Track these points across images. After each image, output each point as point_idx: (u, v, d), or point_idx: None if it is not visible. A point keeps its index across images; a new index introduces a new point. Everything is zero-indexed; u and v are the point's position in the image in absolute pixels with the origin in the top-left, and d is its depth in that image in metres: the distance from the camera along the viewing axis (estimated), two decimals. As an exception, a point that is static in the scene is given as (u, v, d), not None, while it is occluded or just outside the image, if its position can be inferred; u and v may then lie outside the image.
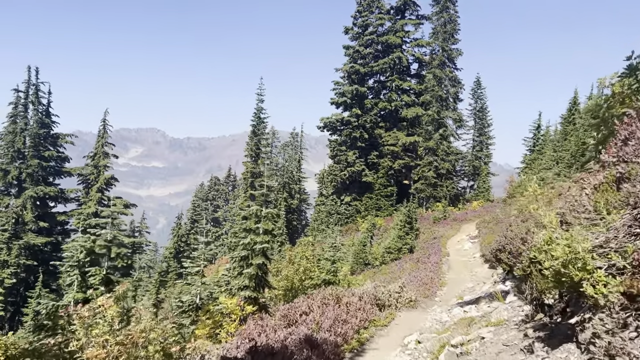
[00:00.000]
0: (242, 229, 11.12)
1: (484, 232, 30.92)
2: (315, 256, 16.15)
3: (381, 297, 11.80)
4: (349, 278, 15.88)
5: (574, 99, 35.04)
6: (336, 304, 9.82)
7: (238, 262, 10.98)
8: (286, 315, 9.26)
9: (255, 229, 10.73)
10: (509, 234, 11.98)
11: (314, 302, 9.61)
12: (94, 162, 50.74)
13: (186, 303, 10.31)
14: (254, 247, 10.56)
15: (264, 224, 10.76)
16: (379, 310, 11.12)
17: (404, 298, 12.76)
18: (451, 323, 9.91)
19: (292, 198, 63.03)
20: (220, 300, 10.00)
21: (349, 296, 10.55)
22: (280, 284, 14.41)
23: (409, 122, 54.46)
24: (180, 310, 10.33)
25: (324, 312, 9.15)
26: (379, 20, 54.79)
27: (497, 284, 13.05)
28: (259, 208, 10.77)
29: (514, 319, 6.48)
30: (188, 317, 10.20)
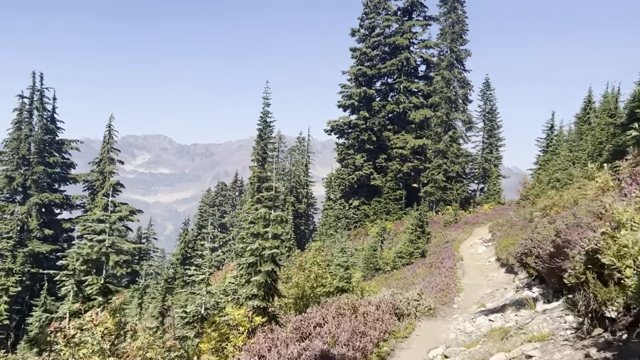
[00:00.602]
0: (250, 234, 10.39)
1: (498, 235, 29.98)
2: (326, 261, 15.39)
3: (400, 306, 11.02)
4: (362, 284, 15.10)
5: (589, 97, 34.12)
6: (352, 314, 9.05)
7: (245, 269, 10.23)
8: (299, 327, 8.51)
9: (264, 233, 9.99)
10: (536, 236, 11.16)
11: (328, 313, 8.85)
12: (99, 168, 50.38)
13: (190, 314, 9.57)
14: (262, 252, 9.81)
15: (272, 228, 10.02)
16: (397, 320, 10.34)
17: (423, 306, 11.96)
18: (479, 334, 9.11)
19: (299, 202, 62.30)
20: (226, 310, 9.28)
21: (366, 305, 9.78)
22: (291, 292, 13.65)
23: (417, 124, 53.64)
24: (185, 322, 9.61)
25: (339, 324, 8.40)
26: (386, 21, 54.10)
27: (522, 290, 12.20)
28: (268, 211, 10.03)
29: (560, 332, 5.70)
30: (192, 329, 9.47)
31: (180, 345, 9.03)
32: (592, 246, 4.64)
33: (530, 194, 34.03)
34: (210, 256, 10.21)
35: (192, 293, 9.96)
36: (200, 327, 9.52)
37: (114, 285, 10.43)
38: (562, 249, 8.94)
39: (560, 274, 9.13)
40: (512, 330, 7.15)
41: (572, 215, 10.92)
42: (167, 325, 13.79)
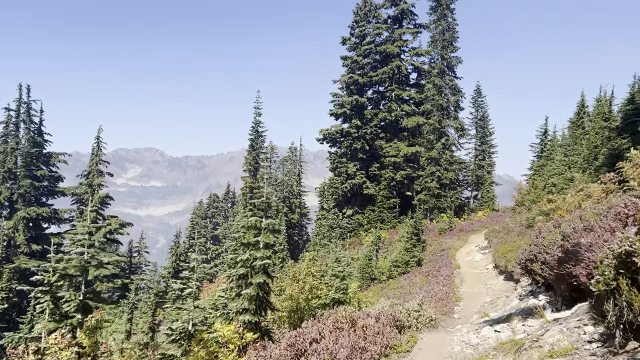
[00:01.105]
0: (240, 244, 9.78)
1: (494, 242, 29.52)
2: (321, 272, 14.77)
3: (400, 318, 10.42)
4: (359, 295, 14.48)
5: (582, 102, 33.95)
6: (351, 327, 8.44)
7: (236, 282, 9.59)
8: (293, 343, 7.87)
9: (255, 242, 9.38)
10: (541, 241, 10.64)
11: (325, 327, 8.23)
12: (88, 180, 49.42)
13: (177, 330, 8.91)
14: (253, 263, 9.20)
15: (264, 237, 9.42)
16: (398, 333, 9.73)
17: (424, 317, 11.37)
18: (486, 347, 8.53)
19: (292, 213, 61.65)
20: (215, 326, 8.65)
21: (364, 318, 9.16)
22: (284, 305, 12.99)
23: (409, 132, 53.37)
24: (171, 339, 8.94)
25: (337, 339, 7.78)
26: (377, 30, 54.01)
27: (527, 298, 11.65)
28: (259, 219, 9.44)
29: (584, 346, 5.15)
30: (179, 347, 8.81)
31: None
32: (626, 248, 4.12)
33: (525, 199, 33.65)
34: (198, 268, 9.58)
35: (179, 308, 9.32)
36: (187, 345, 8.85)
37: (94, 302, 9.75)
38: (572, 254, 8.42)
39: (571, 281, 8.60)
40: (526, 342, 6.58)
41: (578, 218, 10.42)
42: (155, 342, 13.11)
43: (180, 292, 8.99)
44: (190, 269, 9.32)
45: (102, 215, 49.67)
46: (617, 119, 27.83)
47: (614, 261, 4.33)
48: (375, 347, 7.97)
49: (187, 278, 9.35)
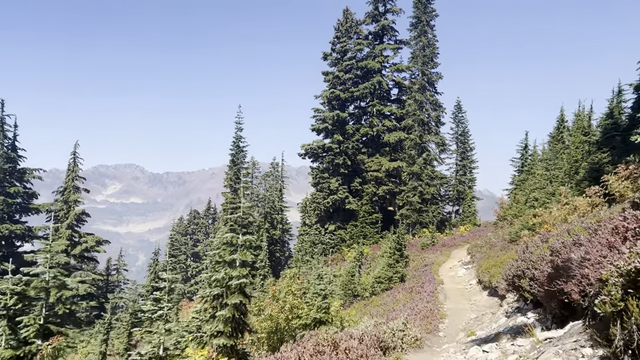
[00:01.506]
0: (215, 262, 9.24)
1: (477, 257, 29.31)
2: (302, 289, 14.22)
3: (384, 338, 9.94)
4: (341, 314, 13.93)
5: (561, 117, 34.28)
6: (333, 350, 7.92)
7: (210, 302, 9.01)
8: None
9: (231, 261, 8.84)
10: (529, 256, 10.31)
11: (305, 351, 7.68)
12: (63, 197, 48.11)
13: (146, 356, 8.28)
14: (229, 283, 8.65)
15: (241, 255, 8.89)
16: (383, 355, 9.25)
17: (409, 337, 10.89)
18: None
19: (274, 229, 60.90)
20: (186, 352, 8.06)
21: (347, 339, 8.65)
22: (263, 325, 12.36)
23: (391, 147, 53.37)
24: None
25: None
26: (358, 45, 54.20)
27: (515, 316, 11.29)
28: (235, 235, 8.91)
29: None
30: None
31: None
32: (637, 265, 3.73)
33: (508, 214, 33.63)
34: (170, 288, 8.98)
35: (149, 332, 8.69)
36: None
37: (56, 326, 9.06)
38: (563, 270, 8.08)
39: (562, 298, 8.25)
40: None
41: (566, 232, 10.13)
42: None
43: (151, 315, 8.38)
44: (161, 289, 8.72)
45: (78, 232, 48.33)
46: (597, 133, 28.06)
47: (621, 279, 3.96)
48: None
49: (159, 299, 8.75)
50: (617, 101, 28.52)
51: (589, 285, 7.09)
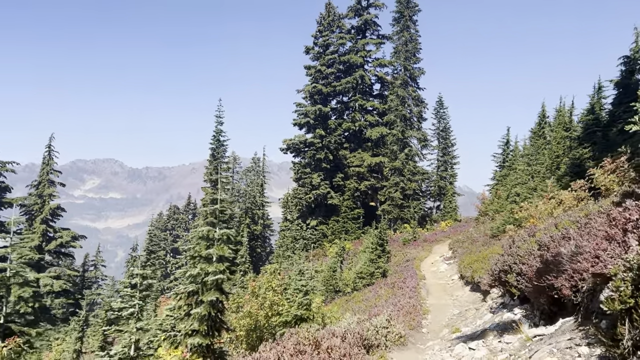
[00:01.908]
0: (190, 257, 8.75)
1: (459, 252, 29.21)
2: (282, 286, 13.78)
3: (367, 336, 9.57)
4: (322, 310, 13.54)
5: (542, 112, 34.37)
6: (314, 350, 7.51)
7: (185, 300, 8.53)
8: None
9: (207, 255, 8.37)
10: (516, 250, 10.04)
11: (285, 350, 7.25)
12: (38, 191, 46.80)
13: (116, 357, 7.78)
14: (205, 279, 8.18)
15: (217, 249, 8.42)
16: (366, 353, 8.89)
17: (393, 334, 10.56)
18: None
19: (255, 224, 60.26)
20: (158, 352, 7.58)
21: (329, 337, 8.25)
22: (242, 323, 11.90)
23: (373, 142, 53.14)
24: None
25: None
26: (340, 39, 53.75)
27: (500, 312, 11.03)
28: (211, 229, 8.45)
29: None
30: (118, 376, 7.69)
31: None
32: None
33: (489, 209, 33.64)
34: (142, 283, 8.46)
35: (119, 330, 8.19)
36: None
37: (18, 325, 8.48)
38: (554, 264, 7.79)
39: (552, 293, 7.97)
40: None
41: (554, 226, 9.88)
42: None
43: (120, 313, 7.87)
44: (132, 286, 8.21)
45: (53, 227, 47.07)
46: (578, 128, 28.14)
47: (630, 274, 3.64)
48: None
49: (130, 296, 8.24)
50: (597, 97, 28.62)
51: (581, 280, 6.82)
